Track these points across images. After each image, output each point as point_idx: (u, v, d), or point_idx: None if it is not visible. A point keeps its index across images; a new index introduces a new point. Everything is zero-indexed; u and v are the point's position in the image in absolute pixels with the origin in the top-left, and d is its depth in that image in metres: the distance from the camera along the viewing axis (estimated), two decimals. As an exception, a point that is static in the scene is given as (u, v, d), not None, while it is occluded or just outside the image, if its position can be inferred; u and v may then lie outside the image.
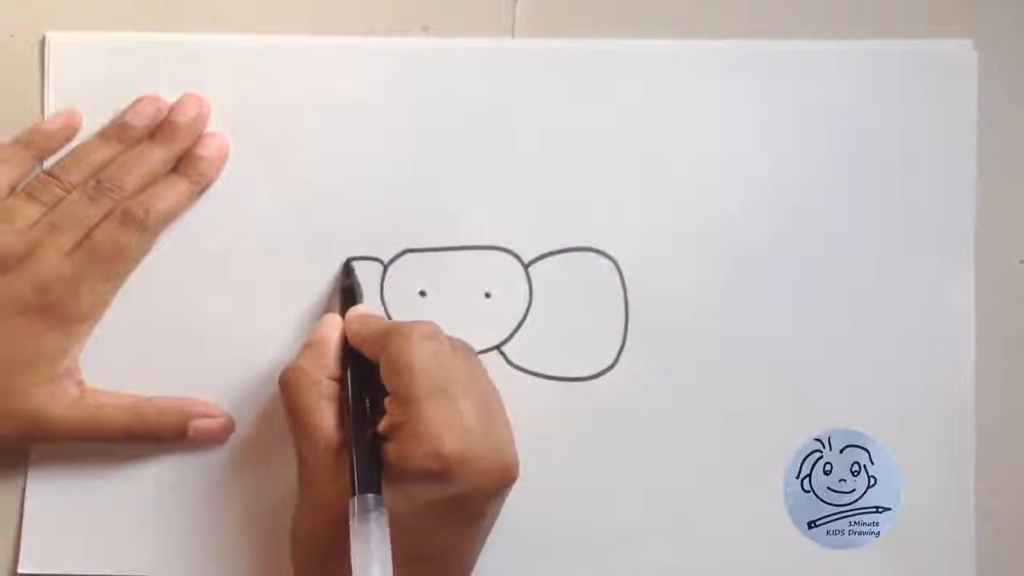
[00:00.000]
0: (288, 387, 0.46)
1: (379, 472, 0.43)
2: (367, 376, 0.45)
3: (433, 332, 0.45)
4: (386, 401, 0.44)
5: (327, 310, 0.50)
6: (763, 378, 0.50)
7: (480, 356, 0.50)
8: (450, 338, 0.45)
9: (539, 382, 0.50)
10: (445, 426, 0.42)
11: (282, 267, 0.51)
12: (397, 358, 0.44)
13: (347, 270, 0.50)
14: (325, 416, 0.45)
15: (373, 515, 0.41)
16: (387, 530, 0.41)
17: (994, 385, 0.50)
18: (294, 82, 0.51)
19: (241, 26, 0.52)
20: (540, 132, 0.51)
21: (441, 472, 0.42)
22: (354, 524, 0.41)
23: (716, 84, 0.51)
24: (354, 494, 0.42)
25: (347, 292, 0.50)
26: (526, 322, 0.51)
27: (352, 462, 0.43)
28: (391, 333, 0.44)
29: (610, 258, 0.51)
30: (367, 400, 0.45)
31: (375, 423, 0.44)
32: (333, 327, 0.47)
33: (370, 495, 0.42)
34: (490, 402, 0.45)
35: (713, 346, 0.50)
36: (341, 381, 0.46)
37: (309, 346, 0.47)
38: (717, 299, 0.50)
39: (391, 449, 0.43)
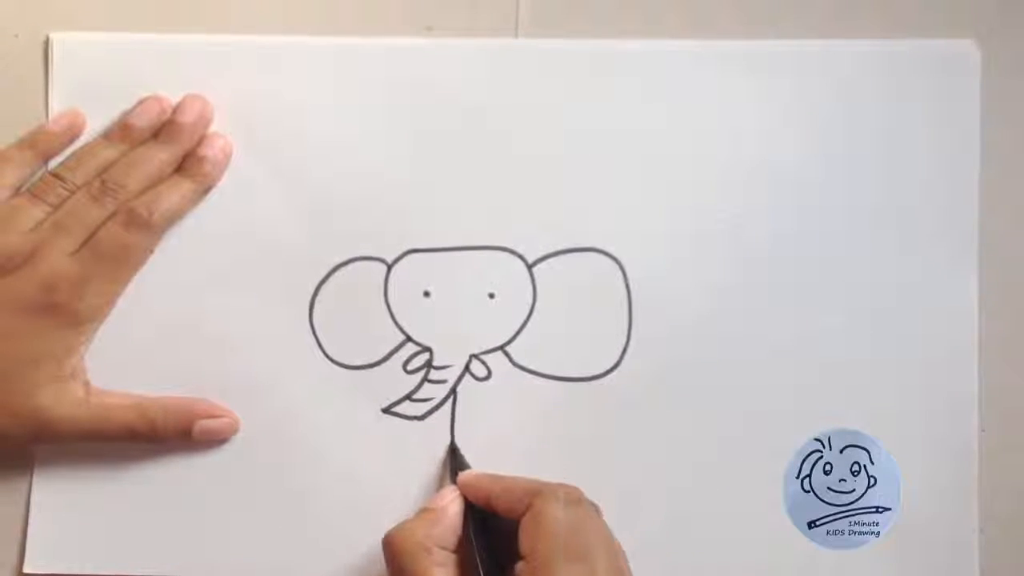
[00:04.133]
0: (396, 551, 0.44)
1: None
2: (489, 543, 0.45)
3: (578, 497, 0.44)
4: (518, 566, 0.43)
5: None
6: (764, 378, 0.50)
7: (484, 356, 0.50)
8: (584, 496, 0.45)
9: (543, 382, 0.51)
10: None
11: (286, 267, 0.51)
12: (541, 519, 0.43)
13: (452, 448, 0.50)
14: None
15: None
16: None
17: (996, 385, 0.51)
18: (298, 83, 0.51)
19: (245, 27, 0.52)
20: (544, 132, 0.51)
21: None
22: None
23: (718, 84, 0.51)
24: None
25: (457, 458, 0.49)
26: (530, 322, 0.51)
27: None
28: (537, 493, 0.44)
29: (614, 259, 0.51)
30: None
31: None
32: (453, 498, 0.47)
33: None
34: (623, 572, 0.44)
35: (716, 346, 0.51)
36: (458, 550, 0.45)
37: (427, 512, 0.46)
38: (720, 299, 0.51)
39: None
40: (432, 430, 0.50)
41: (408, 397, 0.51)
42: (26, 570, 0.50)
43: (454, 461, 0.50)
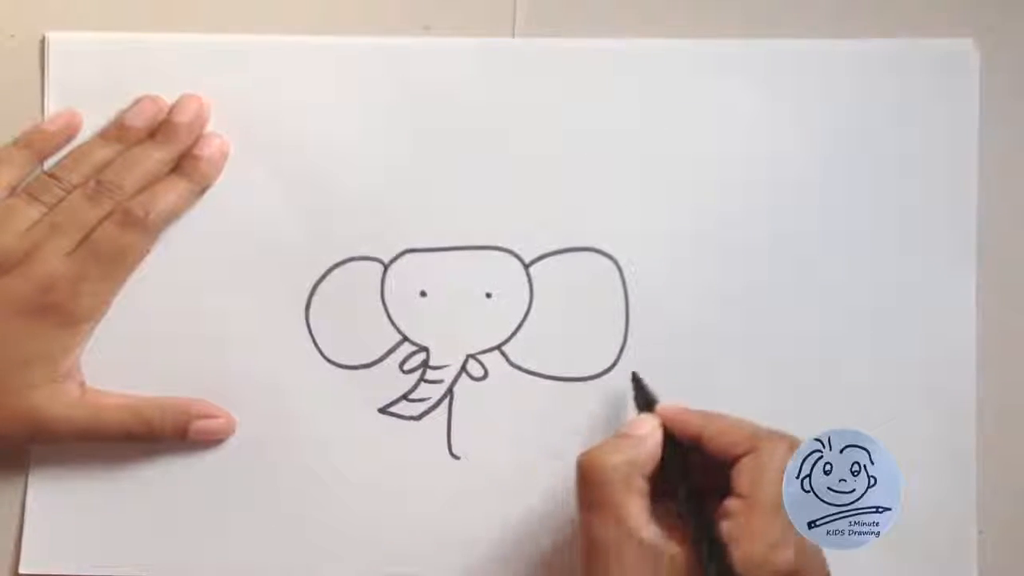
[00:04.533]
0: (594, 475, 0.44)
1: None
2: (687, 476, 0.45)
3: (797, 446, 0.45)
4: (730, 503, 0.43)
5: None
6: (763, 378, 0.50)
7: (481, 356, 0.50)
8: None
9: (540, 382, 0.50)
10: (791, 538, 0.42)
11: (283, 266, 0.51)
12: (768, 464, 0.43)
13: (636, 379, 0.49)
14: (639, 512, 0.43)
15: None
16: None
17: (995, 384, 0.50)
18: (294, 82, 0.51)
19: (241, 26, 0.52)
20: (541, 132, 0.51)
21: None
22: None
23: (716, 84, 0.51)
24: None
25: (644, 389, 0.49)
26: (527, 322, 0.51)
27: (705, 565, 0.42)
28: (764, 438, 0.44)
29: (611, 258, 0.51)
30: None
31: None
32: (653, 428, 0.46)
33: None
34: None
35: (713, 346, 0.50)
36: (654, 479, 0.45)
37: (624, 438, 0.46)
38: (718, 299, 0.50)
39: (740, 554, 0.42)
40: (428, 430, 0.50)
41: (404, 397, 0.50)
42: (22, 570, 0.50)
43: (640, 391, 0.49)
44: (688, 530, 0.43)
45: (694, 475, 0.45)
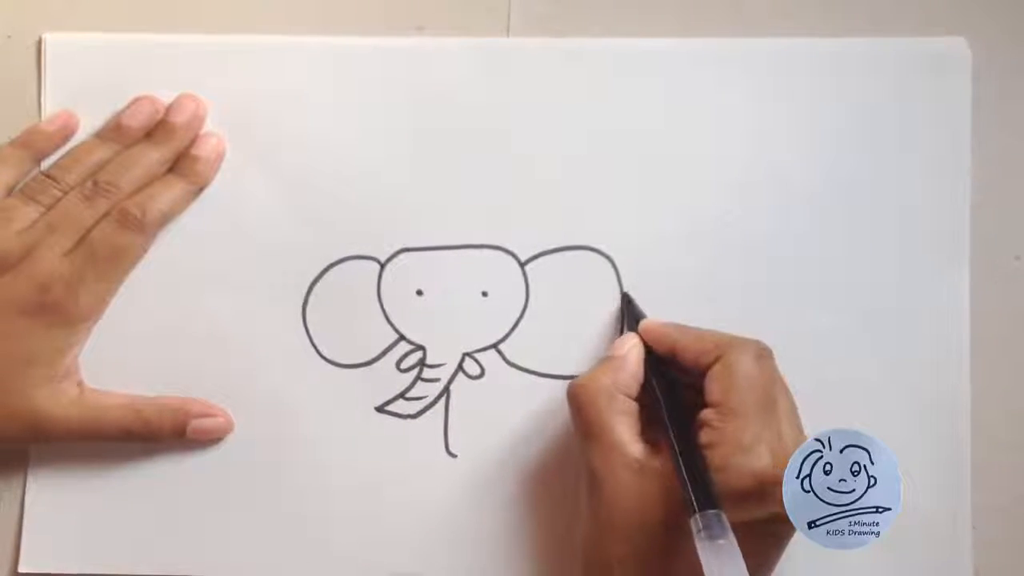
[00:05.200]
0: (582, 400, 0.45)
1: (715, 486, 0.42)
2: (672, 390, 0.46)
3: (768, 352, 0.45)
4: (704, 413, 0.44)
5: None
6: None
7: (477, 354, 0.51)
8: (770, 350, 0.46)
9: (536, 380, 0.51)
10: (768, 445, 0.43)
11: (279, 266, 0.51)
12: (735, 370, 0.44)
13: (626, 298, 0.50)
14: (625, 431, 0.44)
15: (719, 535, 0.40)
16: (737, 547, 0.40)
17: (991, 383, 0.51)
18: (290, 82, 0.51)
19: (237, 27, 0.52)
20: (536, 131, 0.51)
21: (761, 492, 0.42)
22: (702, 543, 0.41)
23: (710, 83, 0.51)
24: (695, 511, 0.41)
25: (633, 307, 0.50)
26: (523, 320, 0.51)
27: (684, 477, 0.42)
28: (728, 345, 0.45)
29: (606, 257, 0.51)
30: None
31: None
32: (633, 345, 0.47)
33: (711, 511, 0.41)
34: (803, 430, 0.45)
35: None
36: (640, 397, 0.46)
37: (607, 360, 0.47)
38: (713, 298, 0.51)
39: (711, 460, 0.42)
40: (425, 428, 0.51)
41: (401, 396, 0.51)
42: (21, 569, 0.50)
43: (630, 309, 0.50)
44: (673, 442, 0.44)
45: (680, 391, 0.46)
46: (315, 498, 0.50)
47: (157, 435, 0.50)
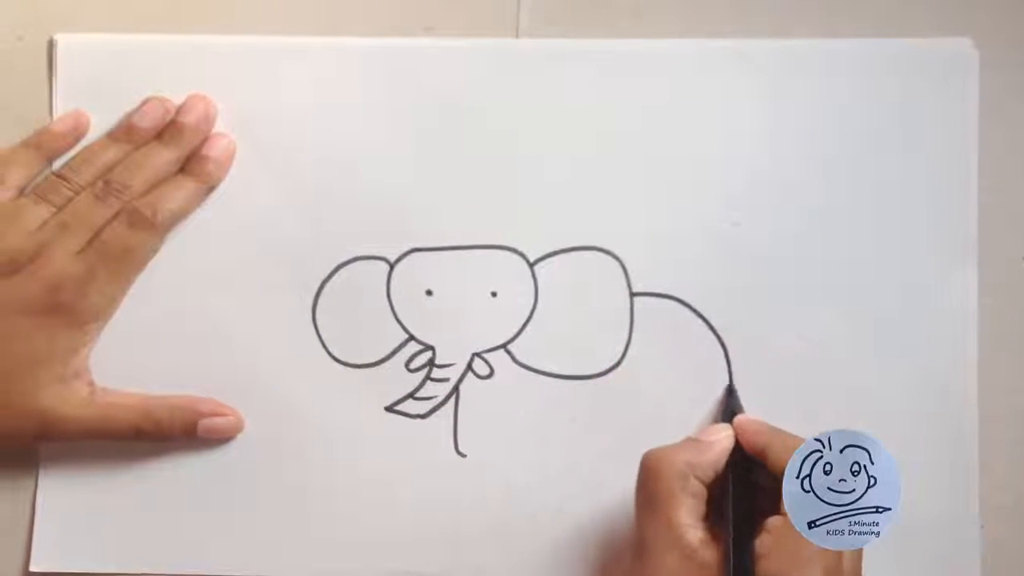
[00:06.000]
0: (655, 470, 0.45)
1: None
2: (747, 490, 0.45)
3: None
4: (772, 520, 0.44)
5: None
6: (764, 378, 0.51)
7: (487, 354, 0.51)
8: None
9: (545, 380, 0.51)
10: (823, 565, 0.42)
11: (289, 266, 0.51)
12: None
13: (729, 390, 0.50)
14: (687, 514, 0.44)
15: None
16: None
17: (998, 383, 0.51)
18: (300, 83, 0.52)
19: (247, 27, 0.52)
20: (545, 132, 0.51)
21: None
22: None
23: (718, 84, 0.51)
24: None
25: (733, 399, 0.50)
26: (532, 321, 0.51)
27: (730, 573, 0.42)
28: None
29: (615, 257, 0.51)
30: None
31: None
32: (724, 436, 0.47)
33: None
34: (861, 559, 0.45)
35: (716, 345, 0.51)
36: (712, 486, 0.45)
37: (693, 441, 0.46)
38: (720, 298, 0.51)
39: (765, 568, 0.42)
40: (435, 428, 0.51)
41: (411, 395, 0.51)
42: (32, 568, 0.50)
43: (730, 401, 0.50)
44: (729, 540, 0.44)
45: (755, 492, 0.45)
46: (324, 497, 0.51)
47: (168, 434, 0.50)
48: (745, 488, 0.46)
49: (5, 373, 0.48)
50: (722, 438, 0.46)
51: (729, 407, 0.49)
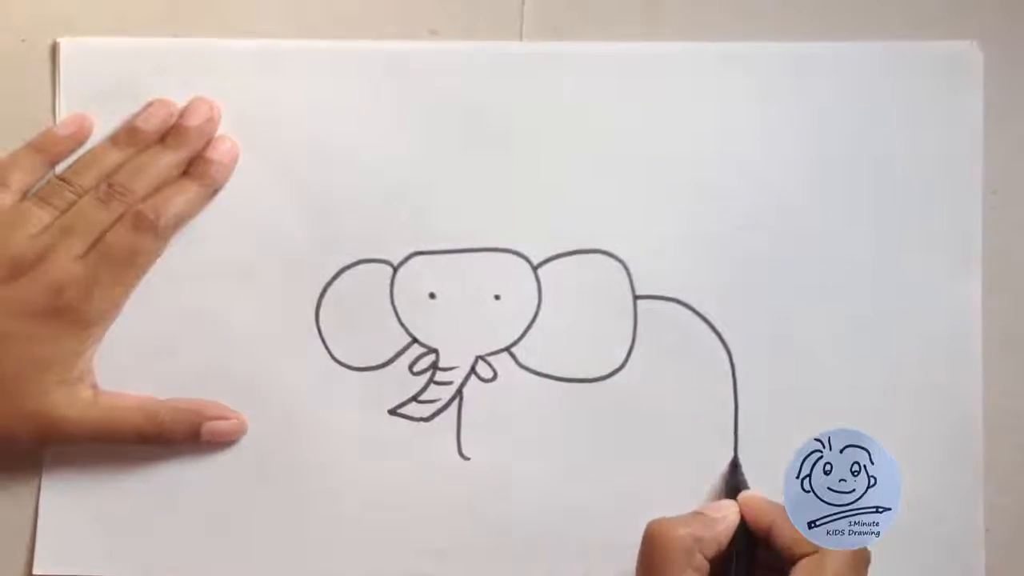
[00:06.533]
0: (658, 542, 0.44)
1: None
2: (750, 566, 0.45)
3: (867, 560, 0.44)
4: None
5: None
6: (765, 378, 0.51)
7: (490, 357, 0.51)
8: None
9: (548, 383, 0.51)
10: None
11: (292, 269, 0.51)
12: (827, 568, 0.43)
13: (734, 464, 0.50)
14: None
15: None
16: None
17: (1003, 384, 0.51)
18: (303, 86, 0.52)
19: (250, 31, 0.52)
20: (548, 135, 0.51)
21: None
22: None
23: (722, 87, 0.51)
24: None
25: (738, 475, 0.49)
26: (535, 324, 0.51)
27: None
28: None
29: (619, 260, 0.51)
30: None
31: None
32: (730, 512, 0.46)
33: None
34: None
35: (719, 347, 0.51)
36: (715, 561, 0.45)
37: (699, 515, 0.46)
38: (724, 301, 0.51)
39: None
40: (438, 431, 0.51)
41: (414, 398, 0.51)
42: (35, 571, 0.50)
43: (734, 476, 0.49)
44: None
45: (755, 567, 0.45)
46: (328, 500, 0.51)
47: (171, 438, 0.50)
48: (748, 563, 0.45)
49: (8, 376, 0.48)
50: (729, 514, 0.46)
51: (733, 481, 0.49)
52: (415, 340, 0.51)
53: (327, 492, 0.51)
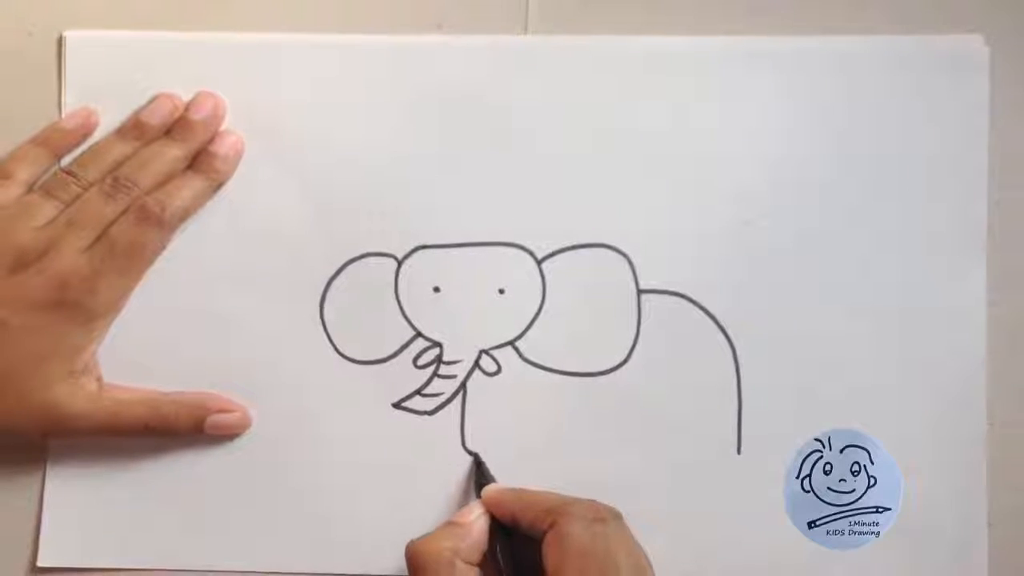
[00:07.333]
0: (417, 563, 0.44)
1: None
2: (514, 558, 0.45)
3: (601, 514, 0.44)
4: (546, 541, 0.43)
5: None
6: (766, 377, 0.50)
7: (494, 351, 0.51)
8: (608, 509, 0.45)
9: (553, 377, 0.51)
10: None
11: (297, 263, 0.51)
12: (566, 538, 0.43)
13: (477, 462, 0.50)
14: None
15: None
16: None
17: (1007, 382, 0.50)
18: (309, 80, 0.52)
19: (256, 25, 0.52)
20: (553, 129, 0.51)
21: None
22: None
23: (728, 81, 0.51)
24: None
25: (482, 471, 0.50)
26: (539, 318, 0.51)
27: None
28: (559, 512, 0.44)
29: (623, 254, 0.51)
30: None
31: None
32: (479, 515, 0.46)
33: None
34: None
35: (721, 344, 0.51)
36: (483, 564, 0.45)
37: (451, 525, 0.46)
38: (728, 295, 0.51)
39: None
40: (442, 425, 0.51)
41: (418, 392, 0.51)
42: (40, 564, 0.51)
43: (479, 474, 0.50)
44: None
45: (525, 557, 0.45)
46: (331, 494, 0.51)
47: (175, 430, 0.50)
48: (513, 554, 0.45)
49: (13, 369, 0.48)
50: (478, 517, 0.46)
51: (479, 479, 0.49)
52: (419, 334, 0.51)
53: (331, 485, 0.51)
